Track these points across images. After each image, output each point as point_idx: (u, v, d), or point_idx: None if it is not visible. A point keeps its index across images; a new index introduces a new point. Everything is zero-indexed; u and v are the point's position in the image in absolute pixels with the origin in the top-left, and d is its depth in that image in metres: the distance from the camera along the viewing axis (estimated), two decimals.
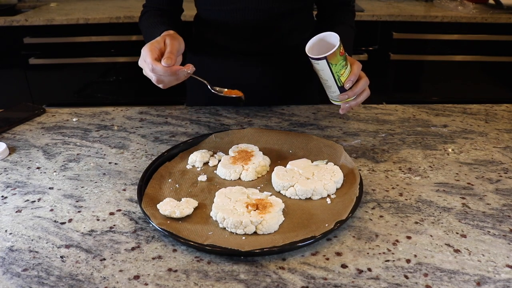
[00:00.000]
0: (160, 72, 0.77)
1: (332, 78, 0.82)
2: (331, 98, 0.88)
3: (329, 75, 0.81)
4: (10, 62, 2.31)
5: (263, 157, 0.80)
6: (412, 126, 0.98)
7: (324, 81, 0.84)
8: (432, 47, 2.29)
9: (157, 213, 0.66)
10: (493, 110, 1.07)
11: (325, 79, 0.83)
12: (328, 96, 0.88)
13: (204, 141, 0.87)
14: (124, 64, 2.33)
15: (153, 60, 0.77)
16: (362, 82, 0.84)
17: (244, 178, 0.77)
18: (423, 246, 0.61)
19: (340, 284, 0.54)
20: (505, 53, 2.27)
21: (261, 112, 1.06)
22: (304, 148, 0.85)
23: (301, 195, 0.71)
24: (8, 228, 0.65)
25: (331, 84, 0.83)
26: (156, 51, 0.79)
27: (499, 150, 0.88)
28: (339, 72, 0.81)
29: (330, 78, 0.82)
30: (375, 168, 0.81)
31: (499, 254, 0.59)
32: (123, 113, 1.07)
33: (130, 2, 2.55)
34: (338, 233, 0.63)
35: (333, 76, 0.81)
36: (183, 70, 0.79)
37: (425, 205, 0.70)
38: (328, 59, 0.78)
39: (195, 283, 0.55)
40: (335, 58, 0.79)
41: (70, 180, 0.78)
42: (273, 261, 0.58)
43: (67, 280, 0.55)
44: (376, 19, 2.20)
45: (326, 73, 0.81)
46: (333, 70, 0.80)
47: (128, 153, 0.88)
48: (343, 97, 0.84)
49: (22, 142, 0.93)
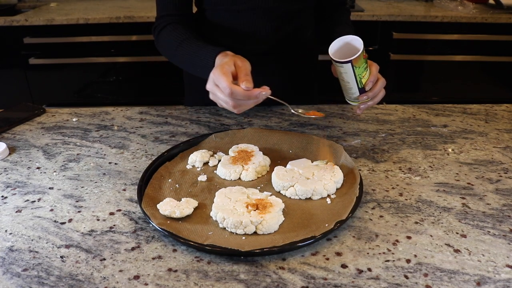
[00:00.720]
0: (239, 96, 0.72)
1: (354, 80, 0.84)
2: (349, 99, 0.90)
3: (352, 78, 0.84)
4: (10, 62, 2.31)
5: (263, 157, 0.80)
6: (412, 126, 0.98)
7: (346, 83, 0.86)
8: (432, 47, 2.29)
9: (157, 213, 0.66)
10: (493, 110, 1.07)
11: (347, 81, 0.85)
12: (346, 97, 0.91)
13: (204, 141, 0.87)
14: (124, 64, 2.33)
15: (230, 83, 0.72)
16: (380, 83, 0.87)
17: (244, 178, 0.77)
18: (423, 246, 0.61)
19: (340, 284, 0.54)
20: (505, 53, 2.27)
21: (261, 112, 1.06)
22: (304, 148, 0.85)
23: (301, 195, 0.71)
24: (8, 228, 0.65)
25: (352, 86, 0.85)
26: (230, 75, 0.74)
27: (499, 150, 0.88)
28: (361, 74, 0.83)
29: (352, 80, 0.84)
30: (375, 168, 0.81)
31: (499, 254, 0.59)
32: (123, 113, 1.07)
33: (130, 2, 2.55)
34: (338, 233, 0.63)
35: (355, 78, 0.83)
36: (262, 92, 0.73)
37: (425, 205, 0.70)
38: (353, 63, 0.81)
39: (195, 283, 0.55)
40: (359, 61, 0.81)
41: (70, 180, 0.78)
42: (273, 261, 0.58)
43: (67, 280, 0.55)
44: (376, 19, 2.20)
45: (349, 75, 0.84)
46: (356, 72, 0.82)
47: (128, 153, 0.88)
48: (362, 98, 0.87)
49: (22, 142, 0.93)
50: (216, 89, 0.74)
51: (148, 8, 2.32)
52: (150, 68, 2.35)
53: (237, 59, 0.78)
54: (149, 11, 2.25)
